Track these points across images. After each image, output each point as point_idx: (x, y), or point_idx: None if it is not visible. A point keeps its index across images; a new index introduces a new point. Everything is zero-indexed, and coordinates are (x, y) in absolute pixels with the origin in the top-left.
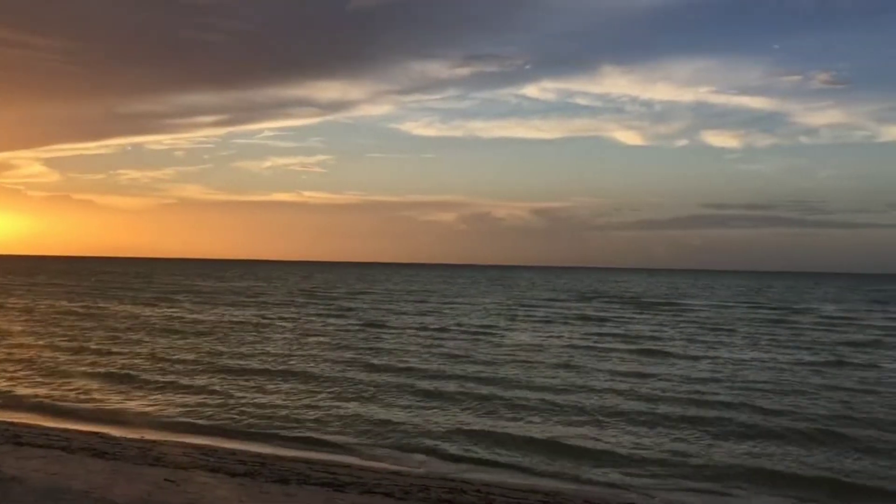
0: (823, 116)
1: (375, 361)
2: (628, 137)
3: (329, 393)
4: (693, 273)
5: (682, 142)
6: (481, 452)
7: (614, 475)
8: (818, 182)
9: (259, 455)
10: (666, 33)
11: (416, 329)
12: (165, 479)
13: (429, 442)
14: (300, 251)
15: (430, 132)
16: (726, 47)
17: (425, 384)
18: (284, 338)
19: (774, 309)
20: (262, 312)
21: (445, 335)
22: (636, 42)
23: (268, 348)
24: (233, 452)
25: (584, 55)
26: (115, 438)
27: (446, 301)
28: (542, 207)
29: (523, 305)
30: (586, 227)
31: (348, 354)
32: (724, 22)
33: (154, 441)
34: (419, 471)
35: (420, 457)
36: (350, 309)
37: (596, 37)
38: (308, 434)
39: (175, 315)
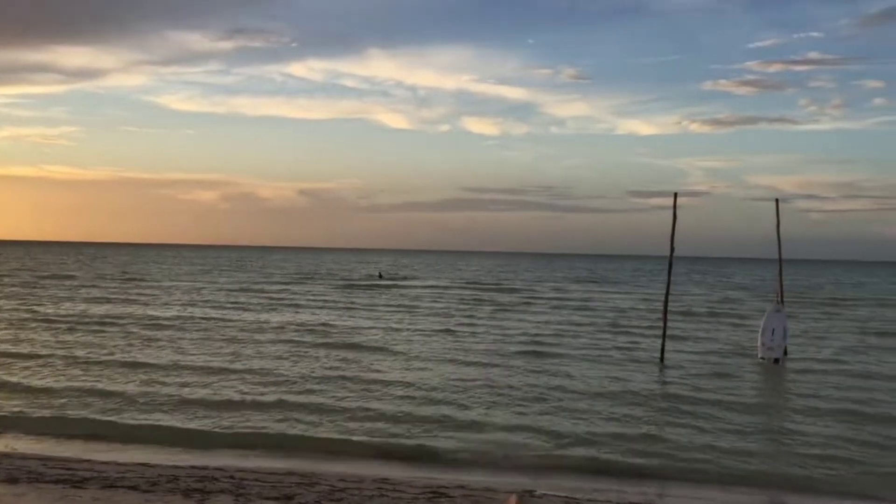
0: (570, 108)
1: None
2: (394, 121)
3: None
4: (453, 254)
5: (445, 127)
6: None
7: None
8: (565, 170)
9: None
10: (429, 21)
11: (93, 322)
12: None
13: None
14: (40, 231)
15: (191, 107)
16: (485, 39)
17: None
18: None
19: (488, 290)
20: None
21: (112, 328)
22: (401, 27)
23: None
24: None
25: (350, 36)
26: None
27: (161, 287)
28: (307, 188)
29: (245, 290)
30: (352, 208)
31: None
32: (484, 14)
33: None
34: (167, 462)
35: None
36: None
37: (362, 19)
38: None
39: None
